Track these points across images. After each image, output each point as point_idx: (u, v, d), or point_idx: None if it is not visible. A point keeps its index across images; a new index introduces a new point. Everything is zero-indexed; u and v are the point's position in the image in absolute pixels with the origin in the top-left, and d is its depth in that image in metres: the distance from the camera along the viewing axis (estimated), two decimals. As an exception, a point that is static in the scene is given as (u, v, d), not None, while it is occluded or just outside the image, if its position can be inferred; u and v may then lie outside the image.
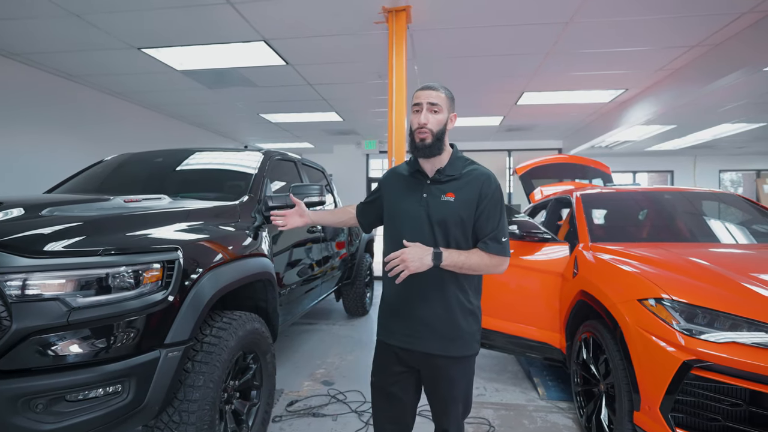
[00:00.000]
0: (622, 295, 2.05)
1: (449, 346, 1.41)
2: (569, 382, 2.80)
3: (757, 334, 1.62)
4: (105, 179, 2.97)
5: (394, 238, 1.48)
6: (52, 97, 4.76)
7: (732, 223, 3.10)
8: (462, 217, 1.40)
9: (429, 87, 1.43)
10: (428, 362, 1.44)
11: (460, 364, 1.44)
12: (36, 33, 3.66)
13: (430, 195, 1.44)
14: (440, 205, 1.42)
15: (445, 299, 1.42)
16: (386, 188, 1.58)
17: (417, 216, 1.44)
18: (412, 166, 1.52)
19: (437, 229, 1.41)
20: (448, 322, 1.41)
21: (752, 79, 4.35)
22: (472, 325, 1.45)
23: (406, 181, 1.53)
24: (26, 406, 1.32)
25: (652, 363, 1.79)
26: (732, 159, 10.63)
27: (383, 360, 1.53)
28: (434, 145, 1.41)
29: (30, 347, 1.35)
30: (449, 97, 1.46)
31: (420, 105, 1.42)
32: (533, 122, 7.61)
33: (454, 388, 1.45)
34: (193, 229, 1.95)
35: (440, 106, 1.41)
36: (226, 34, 3.66)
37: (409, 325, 1.45)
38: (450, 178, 1.44)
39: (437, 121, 1.41)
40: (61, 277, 1.42)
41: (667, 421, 1.70)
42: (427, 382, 1.50)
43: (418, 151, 1.42)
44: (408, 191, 1.50)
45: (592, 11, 3.25)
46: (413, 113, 1.44)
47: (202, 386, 1.69)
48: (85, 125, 5.27)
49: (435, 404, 1.52)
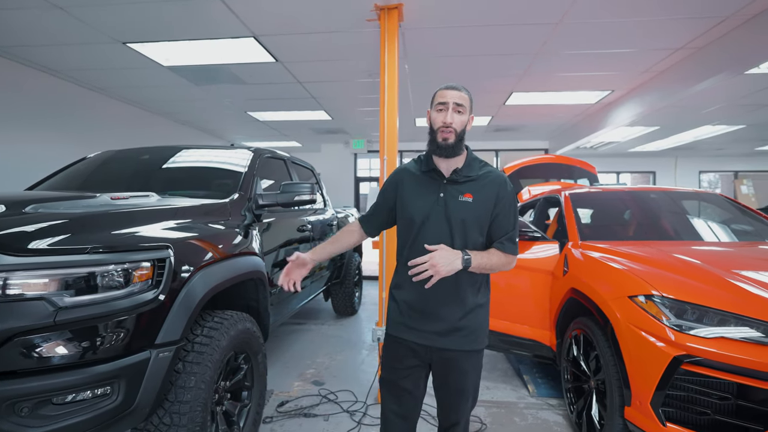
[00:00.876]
0: (613, 292, 2.08)
1: (464, 341, 1.45)
2: (559, 380, 2.84)
3: (744, 329, 1.66)
4: (89, 176, 2.89)
5: (409, 237, 1.48)
6: (31, 91, 4.61)
7: (715, 222, 3.18)
8: (480, 217, 1.42)
9: (454, 87, 1.44)
10: (442, 355, 1.47)
11: (473, 357, 1.49)
12: (16, 25, 3.53)
13: (447, 194, 1.44)
14: (458, 205, 1.43)
15: (462, 297, 1.45)
16: (400, 186, 1.54)
17: (434, 215, 1.44)
18: (426, 165, 1.50)
19: (456, 229, 1.42)
20: (464, 318, 1.45)
21: (733, 81, 4.47)
22: (484, 320, 1.50)
23: (419, 180, 1.51)
24: (10, 410, 1.27)
25: (642, 358, 1.82)
26: (711, 160, 10.92)
27: (396, 354, 1.53)
28: (457, 146, 1.42)
29: (14, 348, 1.30)
30: (471, 99, 1.48)
31: (446, 104, 1.41)
32: (521, 123, 7.68)
33: (466, 380, 1.48)
34: (183, 227, 1.91)
35: (464, 107, 1.43)
36: (215, 30, 3.59)
37: (427, 322, 1.46)
38: (467, 179, 1.45)
39: (461, 122, 1.42)
40: (47, 275, 1.37)
41: (658, 415, 1.73)
42: (438, 375, 1.52)
43: (441, 150, 1.42)
44: (423, 190, 1.49)
45: (582, 12, 3.29)
46: (437, 112, 1.44)
47: (193, 387, 1.65)
48: (66, 121, 5.12)
49: (445, 398, 1.53)
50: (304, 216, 3.48)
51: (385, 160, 2.81)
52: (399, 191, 1.54)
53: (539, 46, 3.96)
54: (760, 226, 2.96)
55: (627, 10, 3.28)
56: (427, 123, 1.49)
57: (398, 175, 1.59)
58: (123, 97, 5.86)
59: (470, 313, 1.46)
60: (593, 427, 2.18)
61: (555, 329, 2.71)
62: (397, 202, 1.55)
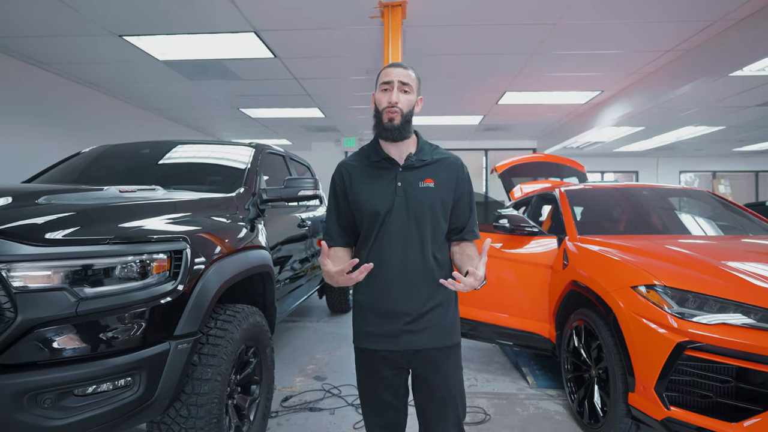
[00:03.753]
0: (615, 283, 2.15)
1: (437, 336, 1.34)
2: (556, 371, 2.91)
3: (743, 315, 1.74)
4: (87, 170, 2.83)
5: (370, 236, 1.33)
6: (17, 83, 4.48)
7: (703, 217, 3.32)
8: (444, 202, 1.34)
9: (399, 65, 1.34)
10: (418, 358, 1.34)
11: (451, 355, 1.37)
12: (10, 16, 3.43)
13: (405, 183, 1.32)
14: (420, 192, 1.32)
15: (430, 291, 1.32)
16: (348, 185, 1.37)
17: (396, 208, 1.31)
18: (375, 154, 1.36)
19: (421, 219, 1.31)
20: (434, 313, 1.33)
21: (717, 84, 4.65)
22: (455, 313, 1.39)
23: (369, 172, 1.36)
24: (33, 402, 1.26)
25: (646, 346, 1.89)
26: (691, 161, 11.30)
27: (368, 367, 1.40)
28: (403, 127, 1.31)
29: (35, 340, 1.28)
30: (419, 78, 1.37)
31: (390, 83, 1.31)
32: (511, 122, 7.81)
33: (449, 383, 1.36)
34: (195, 221, 1.90)
35: (411, 86, 1.32)
36: (216, 24, 3.56)
37: (395, 325, 1.32)
38: (423, 163, 1.34)
39: (408, 102, 1.31)
40: (68, 266, 1.35)
41: (662, 400, 1.80)
42: (418, 385, 1.39)
43: (386, 132, 1.31)
44: (377, 182, 1.34)
45: (578, 14, 3.38)
46: (381, 92, 1.33)
47: (210, 379, 1.65)
48: (51, 115, 4.99)
49: (430, 409, 1.39)
50: (303, 212, 3.49)
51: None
52: (348, 189, 1.37)
53: (536, 45, 4.04)
54: (743, 221, 3.10)
55: (620, 13, 3.39)
56: (372, 106, 1.36)
57: (341, 172, 1.40)
58: (112, 92, 5.75)
59: (439, 307, 1.34)
60: (595, 414, 2.25)
61: (554, 321, 2.79)
62: (350, 201, 1.37)
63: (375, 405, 1.42)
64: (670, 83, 4.63)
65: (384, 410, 1.41)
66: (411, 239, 1.31)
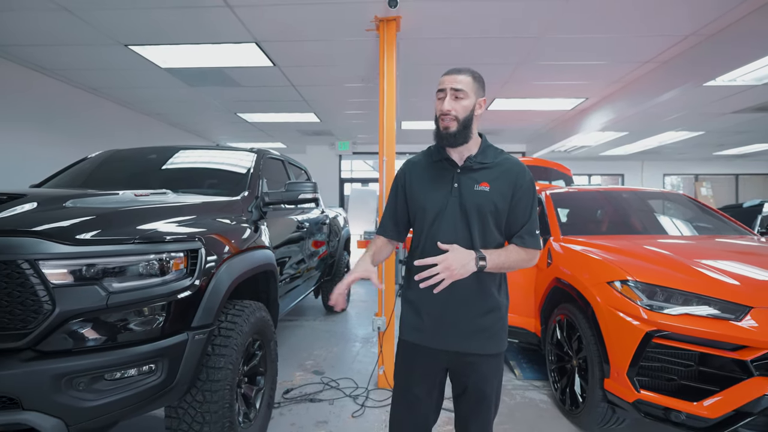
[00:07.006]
0: (593, 279, 2.34)
1: (486, 343, 1.35)
2: (542, 364, 3.10)
3: (704, 306, 1.94)
4: (94, 174, 2.95)
5: (424, 233, 1.38)
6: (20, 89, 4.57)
7: (679, 219, 3.54)
8: (497, 207, 1.32)
9: (453, 71, 1.34)
10: (462, 360, 1.36)
11: (494, 361, 1.39)
12: (20, 25, 3.53)
13: (461, 184, 1.34)
14: (474, 195, 1.32)
15: (481, 299, 1.34)
16: (408, 180, 1.44)
17: (449, 207, 1.34)
18: (437, 154, 1.40)
19: (473, 221, 1.32)
20: (484, 319, 1.35)
21: (694, 92, 4.89)
22: (503, 321, 1.40)
23: (431, 171, 1.41)
24: (69, 384, 1.40)
25: (620, 335, 2.08)
26: (674, 164, 11.64)
27: (410, 361, 1.43)
28: (459, 134, 1.32)
29: (71, 329, 1.43)
30: (477, 79, 1.35)
31: (443, 91, 1.33)
32: (501, 127, 8.04)
33: (487, 386, 1.37)
34: (205, 222, 2.05)
35: (465, 91, 1.31)
36: (219, 35, 3.70)
37: (444, 325, 1.35)
38: (482, 165, 1.35)
39: (463, 108, 1.31)
40: (100, 263, 1.50)
41: (633, 384, 2.00)
42: (457, 383, 1.42)
43: (443, 139, 1.34)
44: (435, 181, 1.38)
45: (560, 28, 3.60)
46: (437, 100, 1.36)
47: (222, 368, 1.80)
48: (54, 120, 5.08)
49: (464, 406, 1.42)
50: (300, 215, 3.65)
51: (385, 161, 3.01)
52: (408, 186, 1.44)
53: (523, 56, 4.25)
54: (717, 223, 3.33)
55: (602, 27, 3.61)
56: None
57: (404, 169, 1.47)
58: (114, 97, 5.85)
59: (490, 313, 1.35)
60: (576, 401, 2.44)
61: (540, 316, 2.98)
62: (407, 197, 1.44)
63: (407, 400, 1.43)
64: (651, 91, 4.87)
65: (414, 406, 1.41)
66: (460, 240, 1.30)
